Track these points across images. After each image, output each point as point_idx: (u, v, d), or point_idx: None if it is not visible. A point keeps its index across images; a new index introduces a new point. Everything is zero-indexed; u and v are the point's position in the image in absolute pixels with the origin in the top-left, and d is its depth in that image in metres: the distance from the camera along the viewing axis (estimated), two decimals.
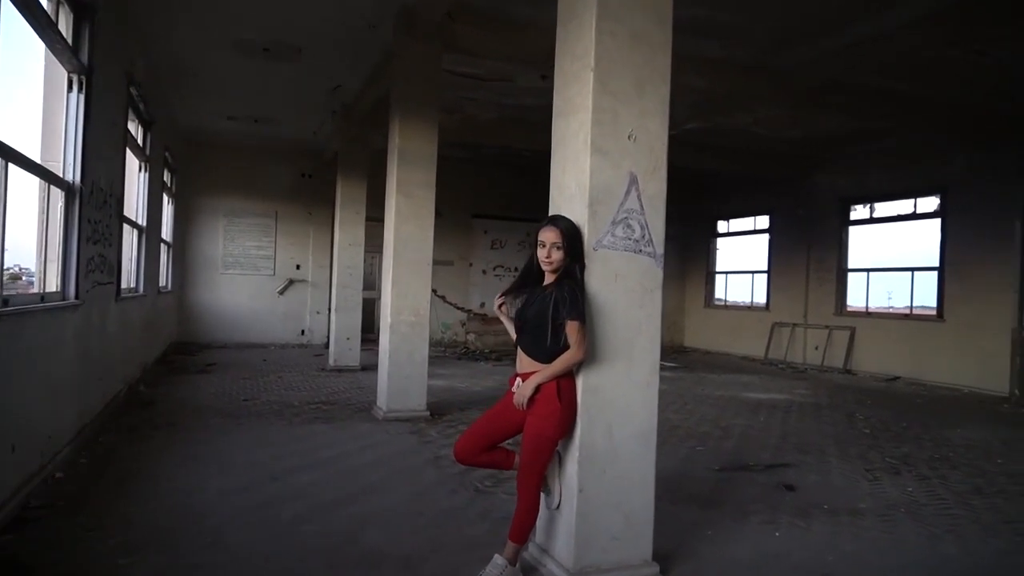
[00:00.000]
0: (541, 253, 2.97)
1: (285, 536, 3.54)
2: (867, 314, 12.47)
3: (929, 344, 11.13)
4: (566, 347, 2.90)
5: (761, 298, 14.88)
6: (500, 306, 3.21)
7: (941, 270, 11.07)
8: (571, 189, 3.11)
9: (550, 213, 3.25)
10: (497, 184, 15.16)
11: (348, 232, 10.69)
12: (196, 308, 13.25)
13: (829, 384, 10.74)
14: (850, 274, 12.84)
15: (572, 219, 3.02)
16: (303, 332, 13.97)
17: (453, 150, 12.20)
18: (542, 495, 3.08)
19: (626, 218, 3.04)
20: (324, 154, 13.11)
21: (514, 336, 3.16)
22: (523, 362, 3.05)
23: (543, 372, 2.93)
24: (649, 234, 3.10)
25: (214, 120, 11.41)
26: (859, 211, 12.75)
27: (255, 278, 13.70)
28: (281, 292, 13.82)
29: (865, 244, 12.71)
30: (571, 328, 2.86)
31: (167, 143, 10.26)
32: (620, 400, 3.06)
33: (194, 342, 12.87)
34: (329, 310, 12.34)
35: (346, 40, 7.70)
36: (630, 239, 3.06)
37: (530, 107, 10.45)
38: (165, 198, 10.76)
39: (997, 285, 10.07)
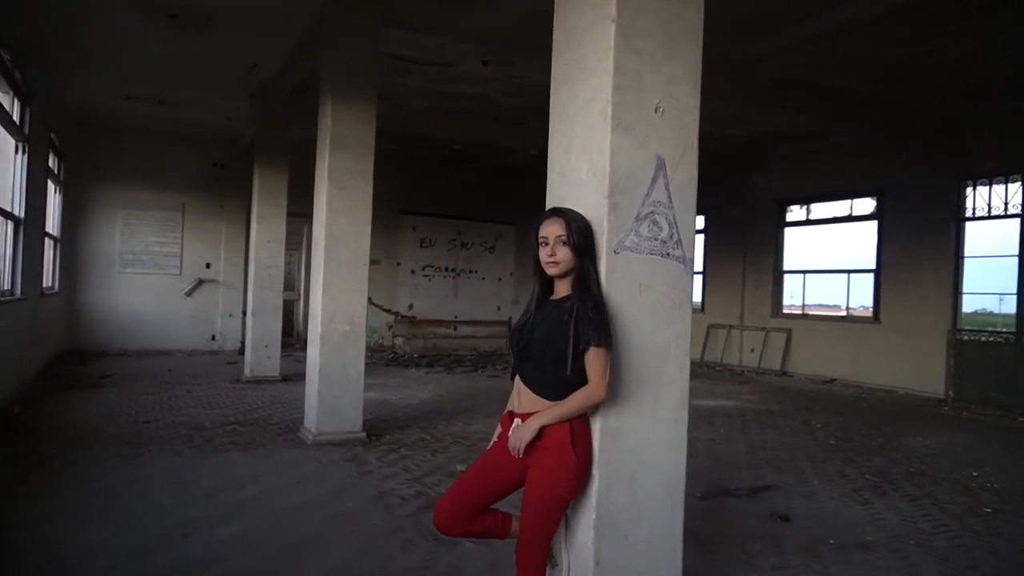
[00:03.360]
0: (543, 253, 2.30)
1: None
2: (803, 316, 12.44)
3: (865, 346, 11.13)
4: (584, 380, 2.23)
5: (696, 299, 14.71)
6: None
7: (877, 272, 11.08)
8: (582, 174, 2.43)
9: (548, 205, 2.57)
10: (427, 179, 14.31)
11: (267, 227, 9.57)
12: (90, 311, 11.76)
13: (771, 388, 10.54)
14: (786, 276, 12.78)
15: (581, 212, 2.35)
16: (213, 337, 12.70)
17: (380, 140, 11.25)
18: (547, 568, 2.40)
19: (652, 213, 2.39)
20: (239, 142, 11.91)
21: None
22: (523, 398, 2.34)
23: (551, 411, 2.24)
24: (678, 233, 2.46)
25: (111, 99, 10.07)
26: (795, 212, 12.70)
27: (159, 278, 12.32)
28: (189, 293, 12.50)
29: (801, 245, 12.68)
30: (595, 357, 2.18)
31: (53, 123, 8.91)
32: (645, 444, 2.41)
33: (87, 350, 11.41)
34: (244, 313, 11.19)
35: (266, 7, 6.75)
36: (656, 239, 2.41)
37: (468, 96, 9.72)
38: (51, 186, 9.38)
39: (932, 287, 10.14)
